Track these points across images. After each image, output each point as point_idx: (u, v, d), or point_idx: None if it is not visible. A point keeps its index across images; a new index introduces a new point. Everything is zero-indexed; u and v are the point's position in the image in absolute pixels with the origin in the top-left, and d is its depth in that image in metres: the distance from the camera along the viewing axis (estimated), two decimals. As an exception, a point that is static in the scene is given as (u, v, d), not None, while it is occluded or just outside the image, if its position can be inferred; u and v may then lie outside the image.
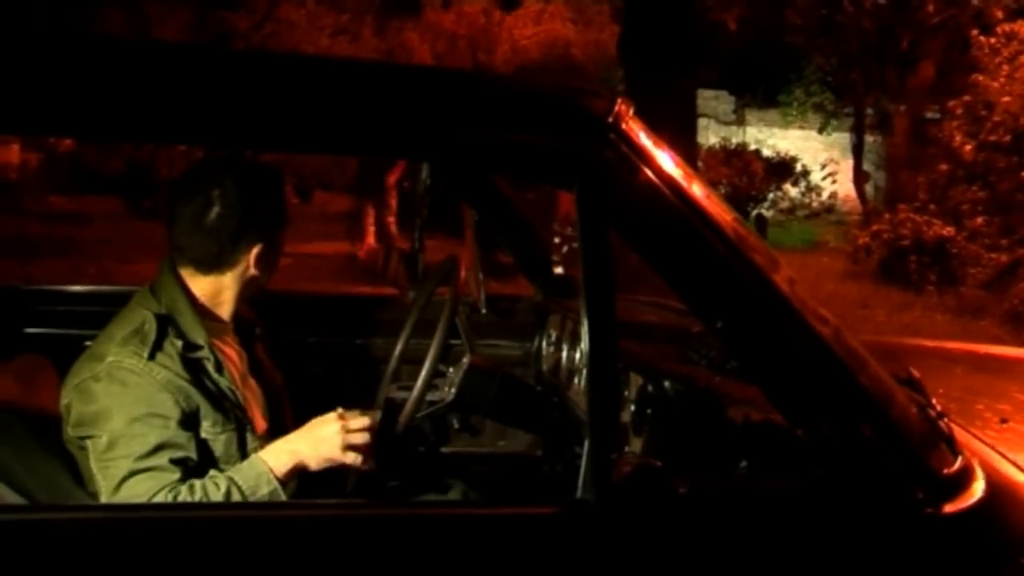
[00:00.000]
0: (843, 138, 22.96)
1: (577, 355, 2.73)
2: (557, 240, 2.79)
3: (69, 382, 1.93)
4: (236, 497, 1.81)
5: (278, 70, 1.63)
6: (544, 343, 3.03)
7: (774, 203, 21.12)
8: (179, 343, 1.93)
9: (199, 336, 1.97)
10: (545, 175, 1.66)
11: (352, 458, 1.93)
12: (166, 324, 1.94)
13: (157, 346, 1.90)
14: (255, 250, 2.00)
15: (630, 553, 1.54)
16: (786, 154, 22.07)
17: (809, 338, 1.64)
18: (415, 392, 2.20)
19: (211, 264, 2.01)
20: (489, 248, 3.23)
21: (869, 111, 20.65)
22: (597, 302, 1.55)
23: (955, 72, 15.67)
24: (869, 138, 20.87)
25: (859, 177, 19.65)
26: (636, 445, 2.23)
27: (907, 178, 16.70)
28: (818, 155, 22.80)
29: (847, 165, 21.20)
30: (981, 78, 13.44)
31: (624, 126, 1.61)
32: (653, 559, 1.55)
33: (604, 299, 1.55)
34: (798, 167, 21.77)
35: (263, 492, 1.84)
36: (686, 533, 1.58)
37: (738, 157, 20.70)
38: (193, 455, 1.86)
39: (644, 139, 1.64)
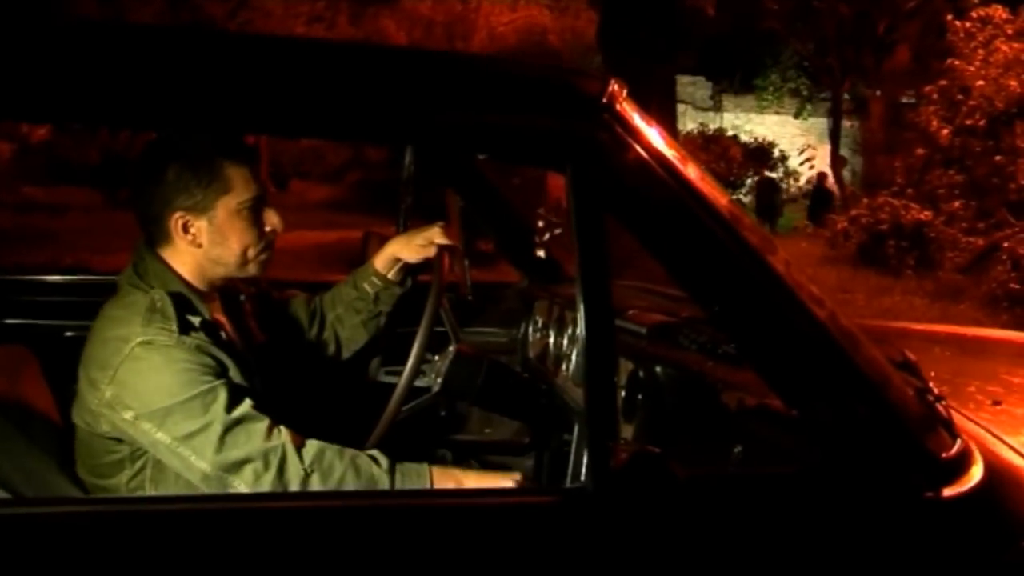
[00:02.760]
0: (819, 123, 23.06)
1: (564, 341, 2.70)
2: (541, 224, 2.76)
3: (90, 373, 1.87)
4: (382, 478, 1.83)
5: (262, 52, 1.59)
6: (530, 329, 3.01)
7: (752, 188, 21.16)
8: (196, 318, 1.91)
9: (205, 311, 1.95)
10: (537, 158, 1.63)
11: None
12: (177, 300, 1.90)
13: (181, 320, 1.87)
14: (178, 220, 1.94)
15: (630, 540, 1.52)
16: (763, 139, 22.12)
17: (806, 321, 1.62)
18: (402, 381, 2.17)
19: (156, 239, 1.98)
20: (471, 235, 3.19)
21: (845, 96, 20.73)
22: (592, 287, 1.52)
23: (931, 57, 15.72)
24: (846, 123, 20.98)
25: (836, 162, 19.72)
26: (627, 431, 2.21)
27: (884, 162, 16.80)
28: (795, 140, 22.88)
29: (824, 150, 21.28)
30: (957, 62, 13.52)
31: (618, 107, 1.58)
32: (652, 546, 1.53)
33: (599, 284, 1.52)
34: (775, 152, 21.83)
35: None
36: (685, 519, 1.56)
37: (716, 143, 20.74)
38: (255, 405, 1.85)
39: (638, 120, 1.61)
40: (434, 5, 17.37)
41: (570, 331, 2.67)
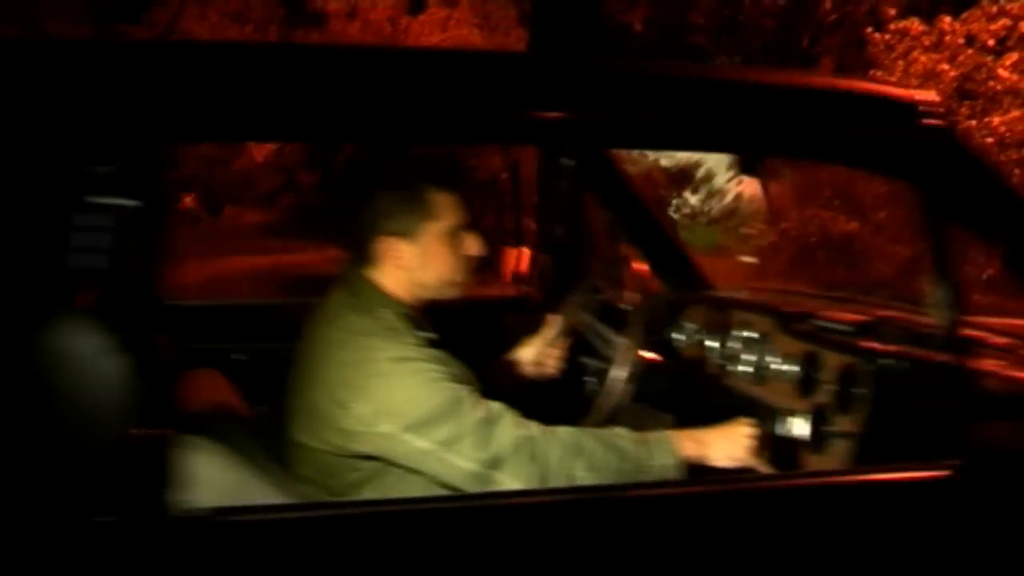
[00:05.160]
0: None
1: (730, 343, 2.77)
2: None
3: (336, 395, 1.92)
4: (633, 450, 1.91)
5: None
6: (680, 335, 3.08)
7: (677, 208, 21.24)
8: (427, 334, 2.01)
9: (429, 329, 2.04)
10: (887, 167, 1.76)
11: (756, 461, 2.02)
12: (406, 319, 2.01)
13: (418, 336, 1.97)
14: (386, 243, 2.04)
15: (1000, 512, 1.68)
16: (688, 159, 22.25)
17: None
18: (603, 395, 2.28)
19: (364, 262, 2.07)
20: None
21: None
22: (947, 291, 1.66)
23: (853, 68, 16.08)
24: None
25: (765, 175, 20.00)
26: (844, 424, 2.31)
27: (811, 174, 17.13)
28: (722, 157, 22.98)
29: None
30: (878, 74, 13.83)
31: (951, 119, 1.73)
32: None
33: (952, 288, 1.66)
34: (700, 172, 21.97)
35: (662, 462, 1.92)
36: None
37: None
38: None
39: (961, 132, 1.76)
40: (363, 27, 17.26)
41: (735, 333, 2.76)
